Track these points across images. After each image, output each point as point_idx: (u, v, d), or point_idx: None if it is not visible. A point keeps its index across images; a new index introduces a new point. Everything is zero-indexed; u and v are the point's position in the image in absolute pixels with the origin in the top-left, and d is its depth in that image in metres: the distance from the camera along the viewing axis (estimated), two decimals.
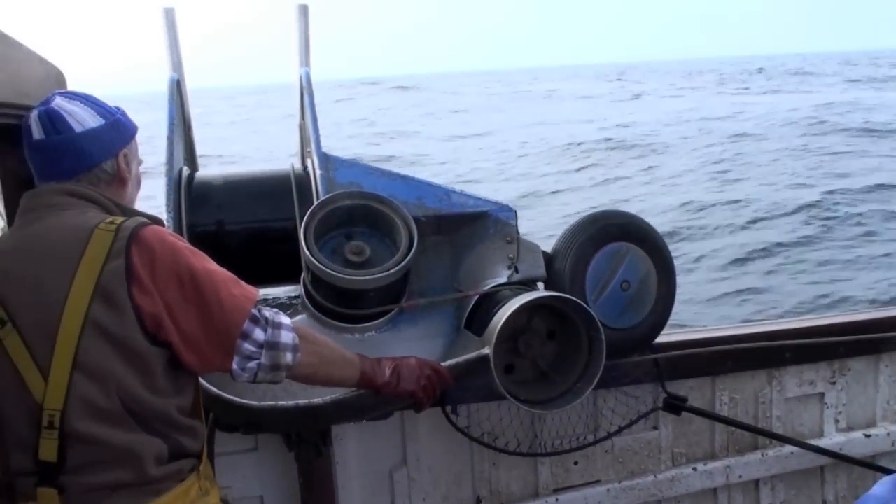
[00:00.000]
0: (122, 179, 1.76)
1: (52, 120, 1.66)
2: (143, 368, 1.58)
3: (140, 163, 1.85)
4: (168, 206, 2.32)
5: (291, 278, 2.45)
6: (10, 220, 1.94)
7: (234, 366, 1.67)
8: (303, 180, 2.46)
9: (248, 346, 1.67)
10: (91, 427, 1.54)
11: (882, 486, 1.51)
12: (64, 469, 1.55)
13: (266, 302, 2.55)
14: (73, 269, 1.54)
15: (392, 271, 2.20)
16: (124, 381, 1.56)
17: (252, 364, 1.69)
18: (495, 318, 2.15)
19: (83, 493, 1.56)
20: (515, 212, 2.49)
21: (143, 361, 1.58)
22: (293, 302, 2.48)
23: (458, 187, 2.48)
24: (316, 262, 2.16)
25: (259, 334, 1.69)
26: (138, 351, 1.57)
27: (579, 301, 2.16)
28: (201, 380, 1.92)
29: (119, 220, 1.62)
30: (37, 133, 1.66)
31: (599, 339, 2.17)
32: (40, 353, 1.53)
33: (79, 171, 1.69)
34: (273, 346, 1.70)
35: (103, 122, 1.71)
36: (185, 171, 2.51)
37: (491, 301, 2.33)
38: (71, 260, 1.55)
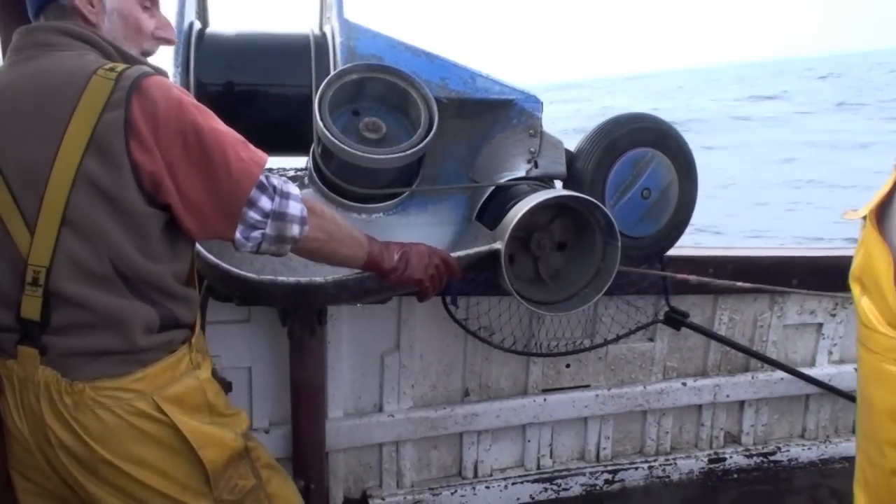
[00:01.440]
0: (80, 13, 1.57)
1: None
2: (137, 230, 1.50)
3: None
4: (176, 60, 2.18)
5: (300, 149, 2.34)
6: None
7: (238, 235, 1.57)
8: (321, 46, 2.31)
9: (253, 215, 1.57)
10: (78, 288, 1.47)
11: None
12: (47, 329, 1.49)
13: (272, 171, 2.45)
14: (66, 117, 1.42)
15: (408, 153, 2.09)
16: (116, 242, 1.48)
17: (256, 234, 1.58)
18: (510, 214, 2.06)
19: (65, 356, 1.50)
20: (542, 103, 2.36)
21: (137, 223, 1.49)
22: (300, 174, 2.37)
23: (484, 72, 2.34)
24: (329, 136, 2.04)
25: (266, 203, 1.57)
26: (133, 211, 1.47)
27: (600, 204, 2.07)
28: (198, 245, 1.84)
29: (120, 66, 1.48)
30: None
31: (615, 245, 2.10)
32: (27, 204, 1.44)
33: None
34: (280, 216, 1.59)
35: None
36: (196, 25, 2.35)
37: (506, 195, 2.23)
38: (65, 107, 1.43)
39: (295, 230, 1.61)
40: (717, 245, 3.18)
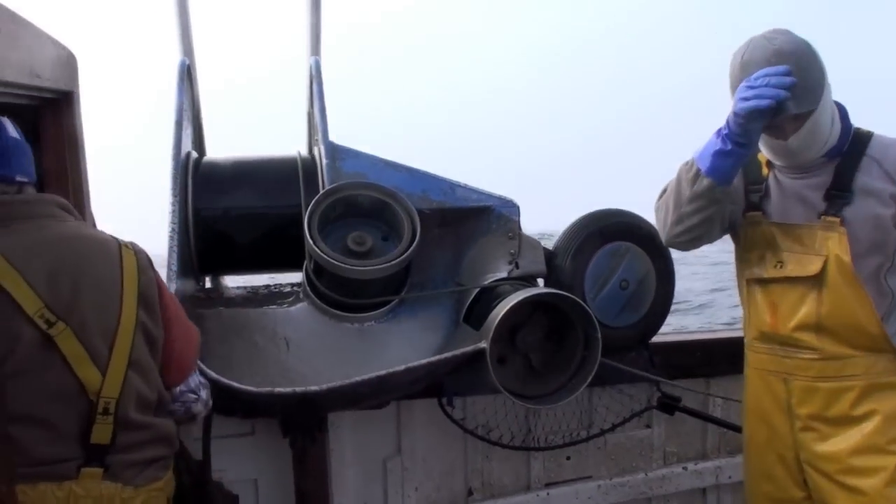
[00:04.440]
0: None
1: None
2: (159, 364, 1.83)
3: None
4: (174, 190, 2.34)
5: (294, 265, 2.47)
6: None
7: (182, 387, 1.89)
8: (309, 168, 2.48)
9: (195, 379, 1.93)
10: (139, 414, 1.74)
11: None
12: (113, 450, 1.70)
13: (268, 288, 2.58)
14: (119, 278, 1.73)
15: (394, 263, 2.22)
16: (156, 373, 1.80)
17: (190, 397, 1.91)
18: (493, 313, 2.17)
19: (125, 468, 1.73)
20: (518, 207, 2.51)
21: (160, 358, 1.83)
22: (295, 290, 2.50)
23: (462, 182, 2.49)
24: (319, 252, 2.18)
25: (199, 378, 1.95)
26: (161, 348, 1.81)
27: (577, 299, 2.18)
28: (201, 364, 1.95)
29: (123, 241, 1.82)
30: (12, 131, 1.74)
31: (596, 336, 2.19)
32: (96, 349, 1.68)
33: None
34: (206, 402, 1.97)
35: None
36: (193, 155, 2.53)
37: (490, 295, 2.34)
38: (114, 269, 1.74)
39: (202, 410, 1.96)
40: (702, 327, 3.26)
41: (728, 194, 2.00)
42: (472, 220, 2.50)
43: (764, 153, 2.07)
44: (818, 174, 2.01)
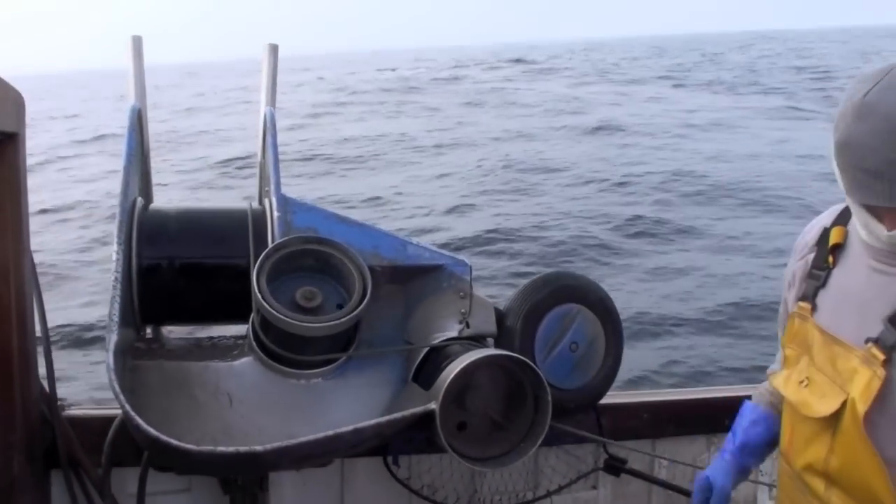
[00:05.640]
0: None
1: None
2: None
3: None
4: (119, 238, 2.28)
5: (239, 318, 2.42)
6: None
7: None
8: (259, 220, 2.44)
9: None
10: None
11: None
12: None
13: (211, 340, 2.52)
14: None
15: (343, 320, 2.19)
16: None
17: None
18: (444, 374, 2.15)
19: None
20: (470, 267, 2.51)
21: None
22: (239, 342, 2.44)
23: (414, 239, 2.49)
24: (267, 306, 2.13)
25: None
26: None
27: (528, 360, 2.17)
28: (137, 419, 1.88)
29: None
30: None
31: (546, 399, 2.18)
32: None
33: None
34: None
35: None
36: (140, 202, 2.47)
37: (440, 355, 2.32)
38: None
39: None
40: (650, 389, 3.27)
41: None
42: (423, 277, 2.49)
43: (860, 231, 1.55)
44: None
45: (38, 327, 2.35)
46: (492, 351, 2.24)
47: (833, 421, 1.55)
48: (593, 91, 37.15)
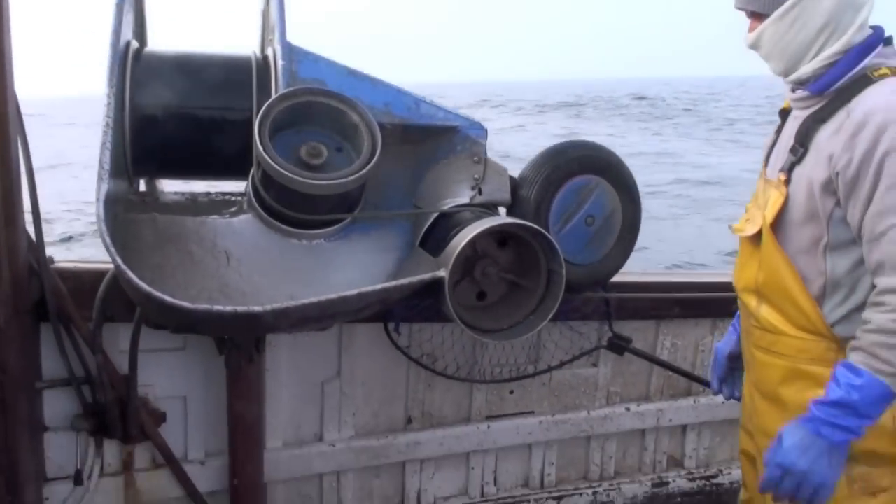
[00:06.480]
0: None
1: None
2: None
3: None
4: (110, 81, 2.10)
5: (239, 173, 2.27)
6: None
7: None
8: (263, 69, 2.26)
9: None
10: None
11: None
12: None
13: (209, 196, 2.38)
14: None
15: (351, 178, 2.04)
16: None
17: None
18: (454, 241, 2.03)
19: None
20: (486, 130, 2.35)
21: None
22: (238, 199, 2.31)
23: (428, 98, 2.31)
24: (269, 161, 1.99)
25: None
26: None
27: (544, 231, 2.05)
28: (130, 273, 1.76)
29: None
30: None
31: (560, 272, 2.08)
32: None
33: None
34: None
35: None
36: (134, 44, 2.28)
37: (450, 221, 2.20)
38: None
39: None
40: (659, 270, 3.19)
41: None
42: (436, 139, 2.33)
43: None
44: (806, 111, 1.77)
45: (24, 177, 2.20)
46: (507, 219, 2.12)
47: (757, 239, 1.85)
48: None
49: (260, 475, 2.60)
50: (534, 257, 2.12)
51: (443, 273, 1.98)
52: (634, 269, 2.94)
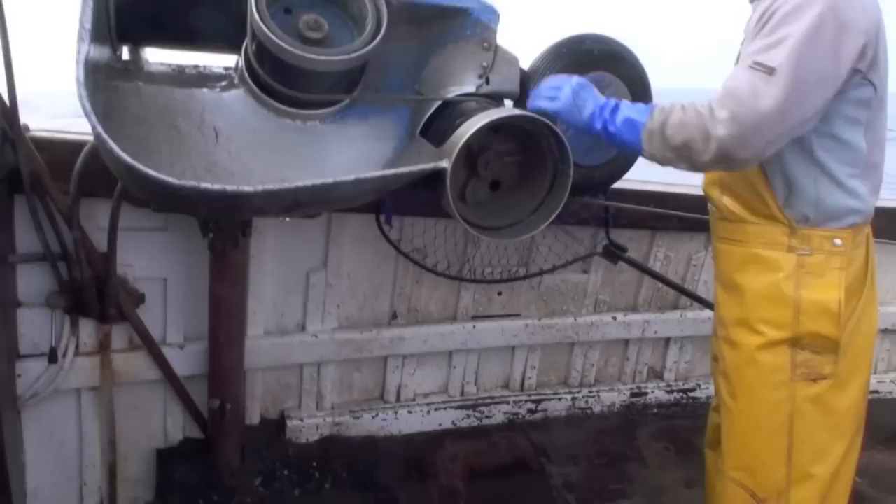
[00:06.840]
0: None
1: None
2: None
3: None
4: None
5: (231, 46, 2.11)
6: None
7: None
8: None
9: None
10: None
11: None
12: None
13: (197, 69, 2.22)
14: None
15: (351, 56, 1.90)
16: None
17: None
18: (459, 131, 1.91)
19: None
20: (499, 14, 2.19)
21: None
22: (229, 73, 2.16)
23: None
24: (265, 30, 1.84)
25: None
26: None
27: (555, 127, 1.94)
28: (112, 143, 1.63)
29: None
30: None
31: (567, 171, 1.98)
32: None
33: None
34: None
35: None
36: None
37: (454, 111, 2.08)
38: None
39: None
40: (660, 181, 3.10)
41: None
42: (445, 21, 2.17)
43: None
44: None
45: None
46: (515, 111, 2.00)
47: None
48: None
49: (240, 362, 2.55)
50: (540, 154, 2.02)
51: (445, 164, 1.87)
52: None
